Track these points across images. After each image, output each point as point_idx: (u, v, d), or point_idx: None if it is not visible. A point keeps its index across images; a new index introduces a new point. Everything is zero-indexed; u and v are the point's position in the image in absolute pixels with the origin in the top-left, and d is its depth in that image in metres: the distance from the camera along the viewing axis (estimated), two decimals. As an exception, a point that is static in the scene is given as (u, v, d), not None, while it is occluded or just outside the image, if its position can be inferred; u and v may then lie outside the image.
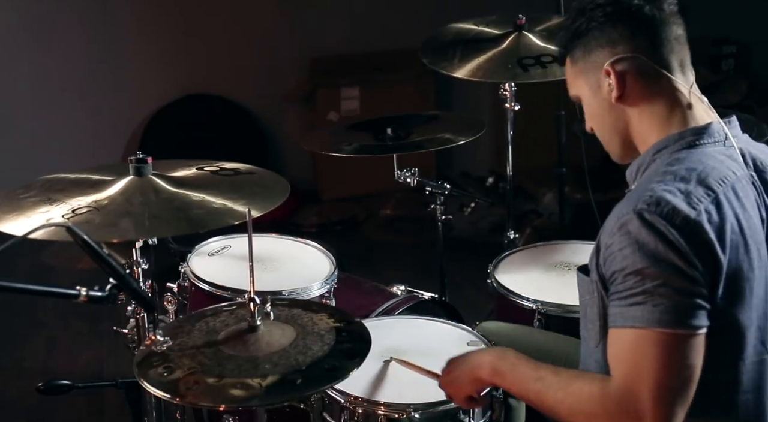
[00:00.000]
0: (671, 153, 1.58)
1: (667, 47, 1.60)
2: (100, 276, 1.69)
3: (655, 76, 1.60)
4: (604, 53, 1.61)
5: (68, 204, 1.89)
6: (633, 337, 1.46)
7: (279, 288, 2.31)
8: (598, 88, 1.64)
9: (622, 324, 1.47)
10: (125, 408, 2.11)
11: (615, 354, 1.50)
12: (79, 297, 1.63)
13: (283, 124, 5.06)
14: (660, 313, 1.43)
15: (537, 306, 2.35)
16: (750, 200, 1.54)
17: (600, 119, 1.68)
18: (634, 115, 1.63)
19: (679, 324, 1.43)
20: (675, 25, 1.61)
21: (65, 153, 4.65)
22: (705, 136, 1.58)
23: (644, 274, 1.44)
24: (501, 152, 3.04)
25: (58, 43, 4.67)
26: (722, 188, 1.51)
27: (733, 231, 1.49)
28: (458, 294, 3.20)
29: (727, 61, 5.39)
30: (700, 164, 1.53)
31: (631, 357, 1.46)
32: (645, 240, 1.44)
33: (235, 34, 4.90)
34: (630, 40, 1.59)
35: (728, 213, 1.49)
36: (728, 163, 1.56)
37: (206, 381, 1.65)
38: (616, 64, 1.60)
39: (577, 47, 1.66)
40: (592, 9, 1.62)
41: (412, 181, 2.80)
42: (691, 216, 1.45)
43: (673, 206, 1.46)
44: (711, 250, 1.46)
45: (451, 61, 2.81)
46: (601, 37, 1.61)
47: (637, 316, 1.45)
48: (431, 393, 1.90)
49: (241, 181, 2.11)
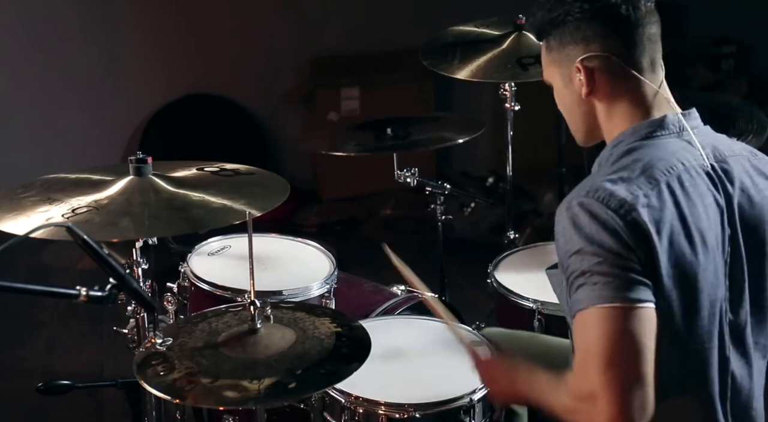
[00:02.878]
0: (626, 145, 1.61)
1: (639, 47, 1.62)
2: (100, 276, 1.69)
3: (624, 75, 1.63)
4: (578, 49, 1.63)
5: (68, 203, 1.89)
6: (579, 320, 1.48)
7: (279, 288, 2.31)
8: (570, 81, 1.67)
9: (573, 312, 1.49)
10: (125, 408, 2.11)
11: (574, 344, 1.52)
12: (79, 297, 1.64)
13: (283, 124, 5.06)
14: (599, 290, 1.45)
15: (537, 306, 2.35)
16: (698, 189, 1.56)
17: (570, 109, 1.73)
18: (602, 110, 1.67)
19: (616, 298, 1.45)
20: (649, 25, 1.63)
21: (65, 153, 4.65)
22: (659, 128, 1.62)
23: (581, 254, 1.47)
24: (501, 152, 3.04)
25: (59, 43, 4.67)
26: (666, 177, 1.54)
27: (673, 218, 1.51)
28: (458, 294, 3.20)
29: (727, 61, 5.39)
30: (647, 156, 1.57)
31: (580, 341, 1.48)
32: (581, 223, 1.48)
33: (235, 34, 4.90)
34: (603, 38, 1.62)
35: (668, 200, 1.52)
36: (680, 154, 1.59)
37: (202, 381, 1.65)
38: (588, 61, 1.63)
39: (552, 36, 1.68)
40: (570, 2, 1.64)
41: (412, 181, 2.81)
42: (627, 199, 1.49)
43: (611, 191, 1.50)
44: (644, 232, 1.47)
45: (451, 62, 2.82)
46: (576, 32, 1.63)
47: (579, 299, 1.47)
48: (432, 393, 1.90)
49: (241, 181, 2.11)
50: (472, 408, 1.91)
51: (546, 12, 1.68)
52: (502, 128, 2.99)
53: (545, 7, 1.69)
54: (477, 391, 1.92)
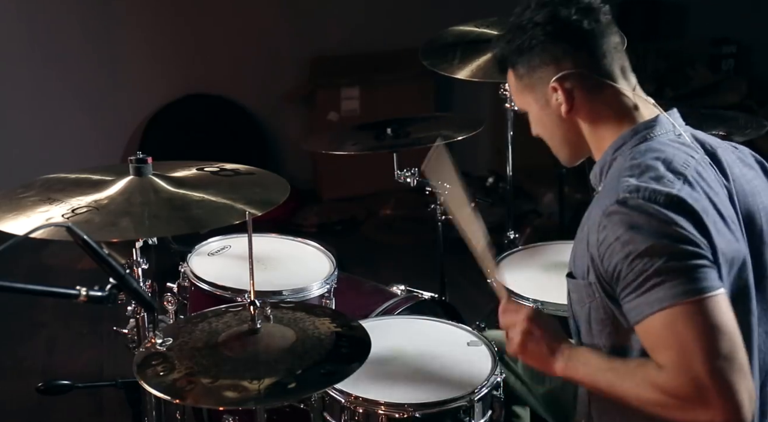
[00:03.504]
0: (631, 148, 1.62)
1: (608, 58, 1.65)
2: (100, 276, 1.69)
3: (600, 86, 1.65)
4: (549, 70, 1.66)
5: (68, 203, 1.89)
6: (665, 320, 1.45)
7: (279, 289, 2.31)
8: (546, 103, 1.69)
9: (649, 312, 1.46)
10: (125, 408, 2.11)
11: (655, 344, 1.48)
12: (79, 297, 1.64)
13: (283, 124, 5.06)
14: (680, 285, 1.43)
15: (537, 306, 2.35)
16: (712, 180, 1.58)
17: (550, 131, 1.74)
18: (585, 125, 1.69)
19: (701, 290, 1.44)
20: (612, 35, 1.66)
21: (65, 153, 4.65)
22: (656, 128, 1.64)
23: (650, 253, 1.45)
24: (501, 152, 3.04)
25: (59, 43, 4.67)
26: (688, 170, 1.55)
27: (708, 206, 1.52)
28: (458, 294, 3.20)
29: (727, 61, 5.39)
30: (661, 153, 1.58)
31: (670, 339, 1.45)
32: (638, 222, 1.47)
33: (235, 34, 4.90)
34: (572, 55, 1.64)
35: (700, 191, 1.53)
36: (684, 149, 1.61)
37: (201, 381, 1.65)
38: (562, 80, 1.65)
39: (520, 64, 1.70)
40: (532, 27, 1.66)
41: (412, 181, 2.81)
42: (672, 192, 1.49)
43: (653, 188, 1.49)
44: (700, 219, 1.48)
45: (451, 62, 2.82)
46: (543, 54, 1.66)
47: (660, 297, 1.45)
48: (431, 393, 1.90)
49: (241, 181, 2.11)
50: (471, 408, 1.91)
51: (507, 43, 1.72)
52: (502, 128, 3.00)
53: (506, 38, 1.73)
54: (477, 391, 1.92)
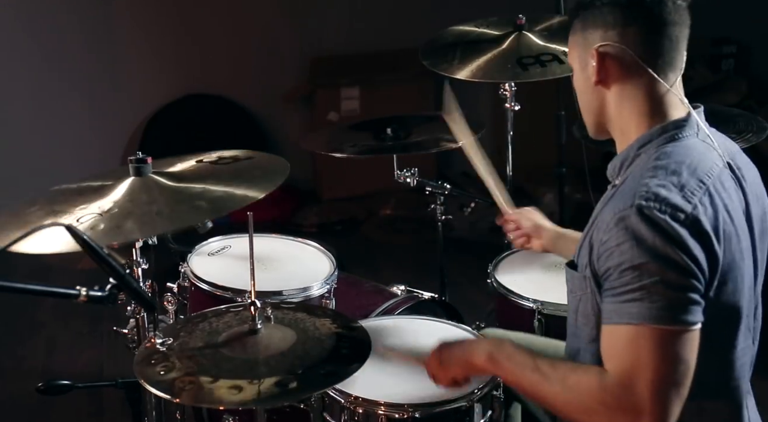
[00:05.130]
0: (657, 147, 1.59)
1: (658, 44, 1.59)
2: (100, 276, 1.69)
3: (637, 69, 1.60)
4: (597, 34, 1.62)
5: (73, 214, 1.86)
6: (629, 333, 1.46)
7: (279, 289, 2.31)
8: (585, 66, 1.66)
9: (618, 321, 1.48)
10: (125, 408, 2.11)
11: (610, 350, 1.51)
12: (79, 297, 1.63)
13: (283, 124, 5.06)
14: (657, 310, 1.44)
15: (537, 306, 2.35)
16: (733, 190, 1.57)
17: (580, 92, 1.71)
18: (611, 102, 1.65)
19: (675, 320, 1.44)
20: (674, 24, 1.59)
21: (65, 153, 4.66)
22: (686, 128, 1.60)
23: (642, 270, 1.45)
24: (501, 152, 3.04)
25: (58, 43, 4.67)
26: (711, 180, 1.53)
27: (725, 222, 1.51)
28: (458, 294, 3.20)
29: (727, 61, 5.39)
30: (687, 157, 1.55)
31: (628, 353, 1.47)
32: (644, 236, 1.45)
33: (235, 34, 4.90)
34: (622, 28, 1.59)
35: (719, 204, 1.51)
36: (709, 155, 1.58)
37: (201, 381, 1.65)
38: (603, 49, 1.61)
39: (578, 19, 1.67)
40: None
41: (412, 181, 2.81)
42: (688, 210, 1.47)
43: (671, 201, 1.47)
44: (709, 242, 1.47)
45: (451, 62, 2.82)
46: (598, 17, 1.62)
47: (633, 313, 1.46)
48: (432, 393, 1.90)
49: (241, 167, 2.09)
50: (471, 409, 1.91)
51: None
52: (502, 128, 3.00)
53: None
54: (477, 391, 1.92)
